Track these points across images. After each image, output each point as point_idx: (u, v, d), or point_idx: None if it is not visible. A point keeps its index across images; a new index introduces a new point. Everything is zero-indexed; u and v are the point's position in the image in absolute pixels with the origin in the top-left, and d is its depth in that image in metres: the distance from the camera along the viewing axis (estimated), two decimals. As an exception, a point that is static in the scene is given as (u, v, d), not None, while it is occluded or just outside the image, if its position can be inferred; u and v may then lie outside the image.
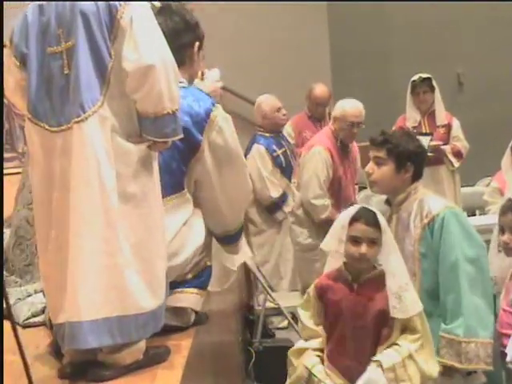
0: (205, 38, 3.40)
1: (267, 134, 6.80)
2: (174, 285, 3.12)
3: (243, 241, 3.61)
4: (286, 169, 6.81)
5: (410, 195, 3.80)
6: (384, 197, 3.96)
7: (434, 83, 7.00)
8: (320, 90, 7.28)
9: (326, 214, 5.95)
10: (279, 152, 6.76)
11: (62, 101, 2.77)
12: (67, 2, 2.79)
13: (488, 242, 3.90)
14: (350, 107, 5.95)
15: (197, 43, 3.31)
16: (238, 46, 8.34)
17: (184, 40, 3.27)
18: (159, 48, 2.74)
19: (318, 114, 7.33)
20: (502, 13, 9.60)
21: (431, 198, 3.79)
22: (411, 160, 3.78)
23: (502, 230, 3.68)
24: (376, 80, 9.52)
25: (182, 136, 2.88)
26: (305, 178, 6.04)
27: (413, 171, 3.79)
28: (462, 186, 7.27)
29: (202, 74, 3.61)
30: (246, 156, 6.58)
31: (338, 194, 6.09)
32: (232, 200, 3.37)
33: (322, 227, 5.61)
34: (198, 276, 3.27)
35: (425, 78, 6.98)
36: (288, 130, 7.30)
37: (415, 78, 7.02)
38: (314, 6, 8.90)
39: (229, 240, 3.50)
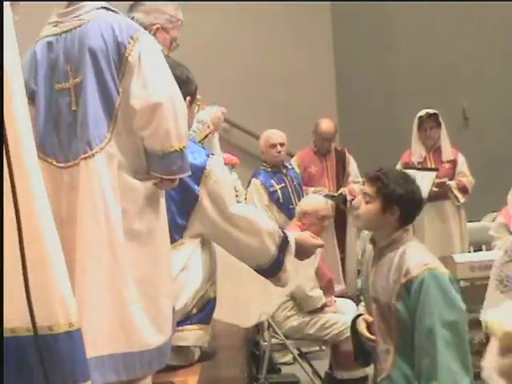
0: (197, 88, 3.35)
1: (269, 169, 6.82)
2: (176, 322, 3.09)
3: (287, 271, 3.45)
4: (283, 205, 6.74)
5: (393, 243, 3.64)
6: None
7: (440, 119, 7.03)
8: (326, 125, 7.31)
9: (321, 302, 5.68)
10: (277, 187, 6.74)
11: (70, 137, 2.78)
12: (76, 39, 2.81)
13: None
14: (319, 203, 5.89)
15: (188, 98, 3.21)
16: (245, 81, 8.41)
17: None
18: (167, 85, 2.74)
19: (323, 149, 7.34)
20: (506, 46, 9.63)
21: (413, 254, 3.59)
22: (399, 204, 3.61)
23: None
24: (381, 115, 9.55)
25: (189, 173, 2.88)
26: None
27: (399, 215, 3.63)
28: (467, 222, 7.26)
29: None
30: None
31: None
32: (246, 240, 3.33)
33: None
34: (201, 310, 3.25)
35: (431, 114, 7.01)
36: (294, 166, 7.31)
37: (422, 113, 7.03)
38: (321, 43, 8.98)
39: (264, 273, 3.43)
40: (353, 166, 7.36)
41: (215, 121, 4.74)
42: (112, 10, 2.89)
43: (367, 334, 3.66)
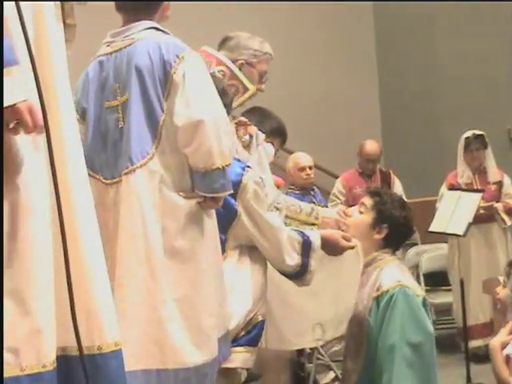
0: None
1: (297, 191, 6.80)
2: (226, 343, 3.10)
3: (312, 271, 3.41)
4: (310, 227, 6.72)
5: (374, 261, 3.60)
6: (437, 253, 3.89)
7: (487, 140, 6.98)
8: (371, 146, 7.31)
9: None
10: None
11: (116, 153, 2.83)
12: (125, 57, 2.86)
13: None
14: None
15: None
16: (288, 102, 8.42)
17: None
18: (210, 104, 2.78)
19: (368, 171, 7.33)
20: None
21: (390, 272, 3.54)
22: (389, 223, 3.59)
23: None
24: (425, 136, 9.50)
25: (231, 191, 2.90)
26: None
27: (385, 235, 3.59)
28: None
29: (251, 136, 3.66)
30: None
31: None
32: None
33: None
34: (249, 332, 3.25)
35: (478, 135, 6.94)
36: (338, 187, 7.32)
37: (468, 134, 6.97)
38: (364, 61, 8.98)
39: (288, 277, 3.40)
40: (398, 187, 7.32)
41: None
42: (161, 30, 2.95)
43: None
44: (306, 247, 3.33)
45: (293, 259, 3.29)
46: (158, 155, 2.79)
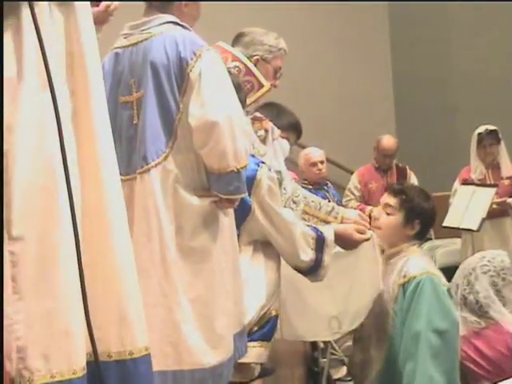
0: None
1: (310, 186, 6.81)
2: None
3: (326, 267, 3.40)
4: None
5: (400, 252, 3.66)
6: (451, 248, 3.90)
7: (500, 135, 6.97)
8: (387, 141, 7.31)
9: None
10: None
11: (130, 150, 2.80)
12: (141, 52, 2.82)
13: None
14: None
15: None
16: (303, 98, 8.42)
17: None
18: (226, 104, 2.71)
19: (384, 166, 7.34)
20: None
21: (416, 259, 3.61)
22: (420, 218, 3.65)
23: None
24: (439, 132, 9.49)
25: (245, 195, 2.86)
26: None
27: (418, 230, 3.67)
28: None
29: (266, 131, 3.66)
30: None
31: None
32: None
33: None
34: (262, 327, 3.24)
35: (491, 130, 6.94)
36: (354, 182, 7.33)
37: (481, 130, 6.96)
38: (380, 58, 8.98)
39: (302, 273, 3.41)
40: (414, 183, 7.32)
41: None
42: (180, 25, 2.88)
43: None
44: (319, 242, 3.32)
45: (307, 255, 3.29)
46: (174, 154, 2.75)
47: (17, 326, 1.93)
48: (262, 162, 3.26)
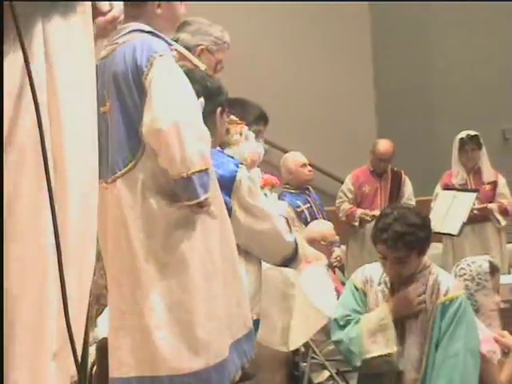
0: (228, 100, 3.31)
1: (293, 191, 6.80)
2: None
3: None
4: (311, 224, 6.76)
5: (423, 269, 3.63)
6: (432, 253, 3.89)
7: (481, 140, 6.99)
8: (384, 145, 7.30)
9: None
10: (304, 207, 6.70)
11: (101, 160, 2.69)
12: (108, 64, 2.81)
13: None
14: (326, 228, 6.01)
15: (219, 109, 3.19)
16: (284, 100, 8.42)
17: (205, 109, 3.00)
18: (172, 110, 2.65)
19: (380, 169, 7.34)
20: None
21: (445, 274, 3.65)
22: (427, 242, 3.63)
23: None
24: (420, 136, 9.52)
25: (199, 200, 2.70)
26: None
27: (427, 249, 3.67)
28: (507, 243, 7.21)
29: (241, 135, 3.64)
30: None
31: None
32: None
33: None
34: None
35: (473, 136, 6.96)
36: (348, 184, 7.35)
37: (463, 135, 6.98)
38: (360, 58, 8.97)
39: (289, 263, 3.42)
40: (408, 187, 7.34)
41: (254, 158, 4.68)
42: (147, 32, 2.84)
43: None
44: (288, 224, 3.38)
45: (290, 235, 3.33)
46: (144, 161, 2.72)
47: None
48: (241, 163, 3.25)
